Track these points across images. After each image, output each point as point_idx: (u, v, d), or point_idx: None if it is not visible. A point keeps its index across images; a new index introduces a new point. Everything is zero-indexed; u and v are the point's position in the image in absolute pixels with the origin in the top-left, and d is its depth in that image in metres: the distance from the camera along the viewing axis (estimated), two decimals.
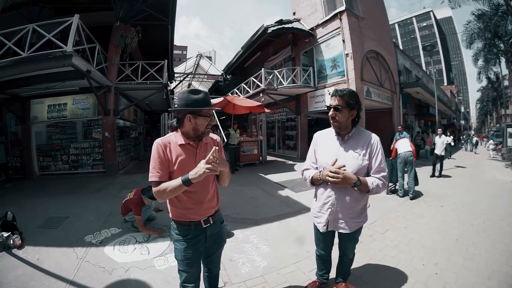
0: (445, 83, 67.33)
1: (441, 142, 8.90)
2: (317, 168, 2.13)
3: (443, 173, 9.07)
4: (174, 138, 1.74)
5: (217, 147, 1.54)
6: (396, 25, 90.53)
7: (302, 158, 13.10)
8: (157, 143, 1.70)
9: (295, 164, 11.58)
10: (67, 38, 6.57)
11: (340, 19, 10.89)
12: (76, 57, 6.67)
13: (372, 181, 1.90)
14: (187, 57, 49.06)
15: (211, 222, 1.84)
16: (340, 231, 2.08)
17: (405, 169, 6.34)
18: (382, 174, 1.93)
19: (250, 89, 13.58)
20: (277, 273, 2.84)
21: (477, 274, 2.82)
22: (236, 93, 14.98)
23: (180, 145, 1.71)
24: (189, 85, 27.36)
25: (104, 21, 9.49)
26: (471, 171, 10.52)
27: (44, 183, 7.98)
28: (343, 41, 10.86)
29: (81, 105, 9.25)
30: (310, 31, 12.51)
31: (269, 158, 13.17)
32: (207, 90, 22.22)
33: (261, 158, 11.88)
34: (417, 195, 6.26)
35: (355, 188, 1.91)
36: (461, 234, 3.97)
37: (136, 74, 9.89)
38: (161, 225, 4.26)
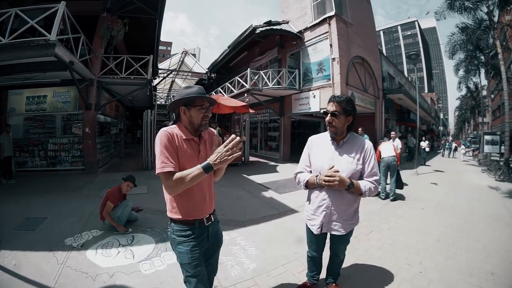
0: (426, 91, 70.00)
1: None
2: (311, 171, 2.16)
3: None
4: (178, 131, 1.67)
5: (236, 137, 1.53)
6: (381, 32, 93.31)
7: (285, 160, 13.45)
8: (165, 131, 1.61)
9: (277, 165, 11.68)
10: (51, 26, 6.28)
11: (329, 24, 11.03)
12: (59, 46, 6.36)
13: (364, 184, 1.98)
14: (171, 53, 48.51)
15: (212, 220, 1.84)
16: (334, 233, 2.13)
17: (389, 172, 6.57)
18: (375, 178, 2.02)
19: (235, 89, 13.51)
20: (267, 275, 2.83)
21: (459, 271, 3.00)
22: (220, 92, 14.89)
23: (185, 140, 1.67)
24: (173, 82, 26.98)
25: (90, 10, 9.13)
26: (449, 176, 10.97)
27: (20, 180, 7.56)
28: (331, 45, 11.00)
29: (61, 98, 8.88)
30: (298, 34, 12.58)
31: (251, 158, 13.21)
32: None
33: (243, 158, 11.85)
34: (398, 197, 6.47)
35: (349, 191, 1.98)
36: (441, 235, 4.16)
37: (120, 68, 9.55)
38: (144, 227, 4.10)
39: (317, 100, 11.62)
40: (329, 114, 2.04)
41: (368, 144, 2.11)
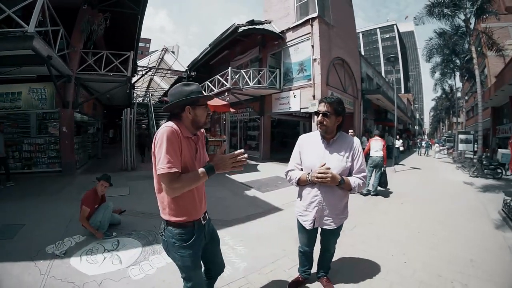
0: (403, 91, 72.43)
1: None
2: (302, 169, 2.24)
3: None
4: (178, 128, 1.60)
5: (245, 152, 1.60)
6: (361, 35, 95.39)
7: (265, 159, 13.52)
8: (171, 127, 1.54)
9: (258, 164, 11.73)
10: (29, 16, 5.87)
11: (311, 25, 11.20)
12: (37, 39, 5.98)
13: (354, 180, 2.10)
14: (149, 50, 47.40)
15: (207, 218, 1.86)
16: (325, 227, 2.23)
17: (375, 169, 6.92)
18: (363, 174, 2.15)
19: (215, 88, 13.46)
20: (259, 273, 2.87)
21: (440, 260, 3.24)
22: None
23: (186, 138, 1.63)
24: (151, 80, 26.47)
25: (70, 2, 8.60)
26: (426, 173, 11.51)
27: None
28: (312, 46, 11.17)
29: (37, 95, 8.38)
30: (280, 34, 12.68)
31: None
32: (169, 86, 21.55)
33: None
34: (378, 193, 6.77)
35: (340, 187, 2.08)
36: (422, 227, 4.43)
37: (100, 64, 9.16)
38: (129, 231, 3.98)
39: (297, 100, 11.79)
40: (320, 114, 2.12)
41: (357, 142, 2.22)
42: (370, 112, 19.20)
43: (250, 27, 12.08)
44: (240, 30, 11.86)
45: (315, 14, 11.12)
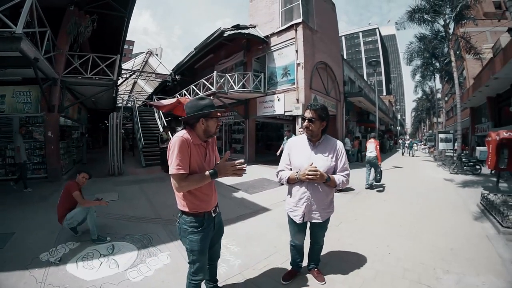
0: (384, 93, 74.21)
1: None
2: (291, 169, 2.47)
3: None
4: (189, 137, 1.92)
5: (243, 161, 1.89)
6: (343, 38, 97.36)
7: (250, 161, 13.71)
8: (183, 137, 1.86)
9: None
10: (16, 16, 5.67)
11: (296, 30, 11.48)
12: (25, 41, 5.81)
13: (338, 178, 2.36)
14: (133, 53, 46.68)
15: (217, 212, 2.19)
16: (314, 221, 2.48)
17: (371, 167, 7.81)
18: (346, 172, 2.41)
19: (200, 91, 13.50)
20: (253, 269, 3.04)
21: (422, 249, 3.58)
22: (185, 95, 14.78)
23: (195, 144, 1.93)
24: (135, 83, 26.15)
25: (56, 3, 8.38)
26: (408, 171, 12.07)
27: None
28: (296, 51, 11.45)
29: (22, 98, 8.15)
30: (265, 39, 12.88)
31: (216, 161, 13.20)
32: (153, 89, 21.27)
33: None
34: (361, 192, 7.30)
35: (326, 184, 2.34)
36: (404, 221, 4.80)
37: (86, 67, 9.01)
38: (122, 235, 4.01)
39: (281, 103, 12.01)
40: (306, 120, 2.38)
41: (340, 144, 2.49)
42: (353, 114, 19.79)
43: (235, 31, 12.23)
44: (225, 34, 11.97)
45: (300, 20, 11.42)
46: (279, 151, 8.93)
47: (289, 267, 2.89)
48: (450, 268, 3.06)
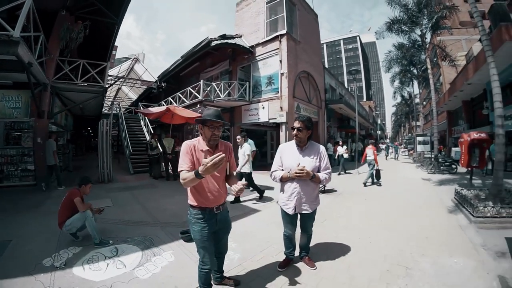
0: (365, 99, 76.24)
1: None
2: (282, 169, 2.98)
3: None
4: (198, 143, 2.32)
5: (222, 154, 1.93)
6: (325, 45, 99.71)
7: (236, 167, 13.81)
8: (187, 143, 2.28)
9: None
10: (11, 19, 5.60)
11: (280, 41, 12.05)
12: (22, 45, 5.72)
13: (322, 175, 2.87)
14: (116, 58, 46.02)
15: (221, 210, 2.44)
16: (304, 212, 2.94)
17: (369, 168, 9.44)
18: (328, 170, 2.93)
19: (187, 99, 13.77)
20: (251, 261, 3.40)
21: (401, 239, 4.08)
22: (171, 102, 15.00)
23: (201, 150, 2.30)
24: (119, 89, 25.94)
25: (48, 7, 8.20)
26: (387, 173, 12.70)
27: None
28: (280, 61, 12.01)
29: (11, 103, 7.98)
30: (250, 49, 13.34)
31: None
32: (137, 96, 21.08)
33: None
34: (343, 193, 7.89)
35: (312, 180, 2.82)
36: (384, 217, 5.36)
37: (76, 73, 8.99)
38: (123, 238, 4.16)
39: (266, 111, 12.50)
40: (296, 129, 2.89)
41: (322, 148, 3.03)
42: (334, 120, 20.59)
43: (222, 41, 12.60)
44: (213, 44, 12.32)
45: (284, 31, 11.99)
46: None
47: (283, 257, 3.29)
48: (426, 252, 3.56)
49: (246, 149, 6.99)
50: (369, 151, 9.65)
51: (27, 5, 5.80)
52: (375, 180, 9.48)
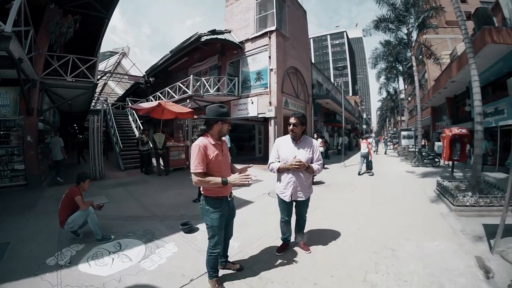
0: (350, 94, 77.26)
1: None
2: (279, 161, 3.28)
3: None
4: (207, 140, 2.54)
5: (249, 174, 2.55)
6: (312, 40, 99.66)
7: None
8: (199, 145, 2.46)
9: None
10: (3, 14, 5.44)
11: (269, 38, 12.21)
12: (14, 40, 5.50)
13: (315, 166, 3.22)
14: (100, 51, 45.02)
15: (232, 197, 2.81)
16: (299, 199, 3.27)
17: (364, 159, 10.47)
18: (320, 162, 3.29)
19: (176, 94, 13.80)
20: (251, 247, 3.69)
21: (386, 226, 4.49)
22: (159, 97, 15.00)
23: (213, 144, 2.55)
24: (105, 84, 25.53)
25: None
26: (374, 166, 12.92)
27: None
28: (269, 57, 12.22)
29: None
30: (239, 44, 13.45)
31: None
32: (124, 91, 20.85)
33: (187, 162, 12.15)
34: (331, 185, 8.33)
35: (307, 171, 3.16)
36: (370, 206, 5.81)
37: (65, 69, 8.76)
38: (125, 233, 4.25)
39: (255, 106, 12.71)
40: (292, 124, 3.20)
41: (315, 142, 3.39)
42: (320, 115, 21.01)
43: (212, 36, 12.69)
44: (203, 39, 12.40)
45: (273, 28, 12.15)
46: None
47: (280, 243, 3.60)
48: (410, 237, 3.94)
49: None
50: (363, 145, 10.58)
51: None
52: (367, 170, 10.60)
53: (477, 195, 5.28)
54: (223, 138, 2.74)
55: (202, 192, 2.64)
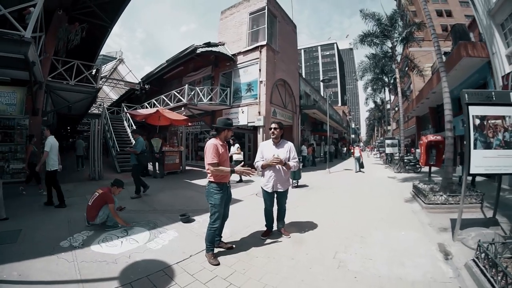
0: (339, 104, 78.69)
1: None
2: (263, 160, 4.03)
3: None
4: (217, 141, 3.37)
5: (254, 170, 3.46)
6: (302, 51, 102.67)
7: None
8: (214, 143, 3.29)
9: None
10: (19, 19, 5.75)
11: (260, 52, 13.06)
12: (32, 45, 5.84)
13: (291, 163, 3.96)
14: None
15: (229, 185, 3.63)
16: (279, 190, 4.03)
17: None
18: (295, 160, 4.05)
19: (171, 102, 14.48)
20: (240, 234, 4.36)
21: (361, 220, 5.16)
22: (154, 104, 15.67)
23: (221, 145, 3.38)
24: (99, 89, 25.81)
25: (45, 5, 7.79)
26: (357, 172, 14.00)
27: None
28: (260, 70, 13.02)
29: (6, 99, 8.03)
30: (232, 56, 14.24)
31: (187, 167, 14.10)
32: (118, 96, 21.21)
33: (181, 167, 12.91)
34: (314, 187, 8.96)
35: (284, 167, 3.91)
36: (348, 204, 6.61)
37: (70, 74, 9.21)
38: (130, 223, 4.65)
39: (245, 115, 13.48)
40: (273, 128, 4.04)
41: (291, 144, 4.15)
42: (307, 124, 21.93)
43: (207, 49, 13.45)
44: (198, 51, 13.13)
45: (264, 42, 12.99)
46: None
47: (265, 229, 4.31)
48: (379, 227, 4.65)
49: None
50: (356, 151, 14.08)
51: (39, 6, 5.88)
52: (360, 169, 13.85)
53: (448, 194, 6.03)
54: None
55: (209, 180, 3.40)
